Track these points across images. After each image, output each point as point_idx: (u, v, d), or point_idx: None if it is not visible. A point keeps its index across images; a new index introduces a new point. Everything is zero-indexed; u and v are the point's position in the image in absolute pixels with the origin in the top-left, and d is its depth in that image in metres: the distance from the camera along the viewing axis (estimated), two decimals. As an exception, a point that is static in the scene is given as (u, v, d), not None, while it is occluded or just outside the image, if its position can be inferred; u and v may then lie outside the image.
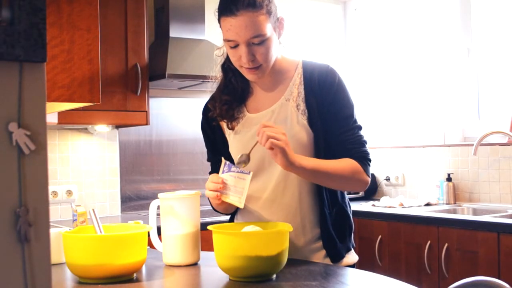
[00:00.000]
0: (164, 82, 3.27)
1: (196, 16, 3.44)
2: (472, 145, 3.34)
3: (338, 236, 1.72)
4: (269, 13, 1.61)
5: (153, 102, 3.49)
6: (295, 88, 1.71)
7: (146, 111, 3.15)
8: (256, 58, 1.62)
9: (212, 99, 1.81)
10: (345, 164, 1.65)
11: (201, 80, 3.23)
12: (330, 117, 1.68)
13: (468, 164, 3.52)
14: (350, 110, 1.71)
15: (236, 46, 1.62)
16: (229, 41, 1.62)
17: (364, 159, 1.69)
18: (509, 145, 3.28)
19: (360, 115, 1.99)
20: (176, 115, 3.66)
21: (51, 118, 2.20)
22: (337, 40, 4.38)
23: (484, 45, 3.61)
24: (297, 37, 4.15)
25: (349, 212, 1.79)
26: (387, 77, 4.10)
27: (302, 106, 1.68)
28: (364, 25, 4.27)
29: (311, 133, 1.67)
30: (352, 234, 1.81)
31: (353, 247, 1.80)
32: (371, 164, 1.72)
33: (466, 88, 3.65)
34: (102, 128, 3.30)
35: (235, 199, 1.62)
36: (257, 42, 1.60)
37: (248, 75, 1.68)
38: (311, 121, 1.67)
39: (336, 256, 1.72)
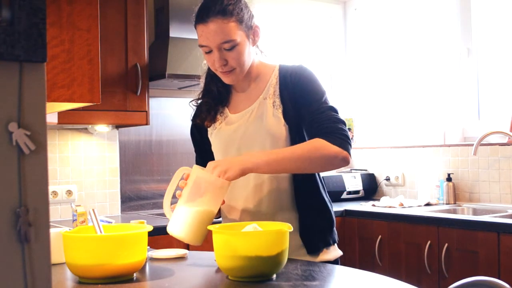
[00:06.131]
0: (164, 82, 3.27)
1: (196, 16, 3.43)
2: (472, 145, 3.34)
3: (315, 226, 1.78)
4: (240, 21, 1.72)
5: (153, 102, 3.49)
6: (272, 88, 1.81)
7: (146, 111, 3.15)
8: (228, 63, 1.73)
9: (197, 106, 1.93)
10: (306, 144, 1.67)
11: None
12: (302, 106, 1.75)
13: (468, 164, 3.52)
14: (319, 95, 1.74)
15: (210, 51, 1.74)
16: (202, 46, 1.75)
17: (331, 133, 1.65)
18: (509, 145, 3.28)
19: (360, 115, 2.01)
20: (176, 115, 3.66)
21: (51, 118, 2.20)
22: (337, 40, 4.37)
23: (484, 45, 3.61)
24: (297, 37, 4.14)
25: (329, 205, 1.84)
26: (387, 77, 4.10)
27: (278, 101, 1.77)
28: (364, 25, 4.27)
29: (285, 125, 1.75)
30: (334, 230, 1.85)
31: (334, 242, 1.84)
32: (346, 138, 1.65)
33: (466, 88, 3.65)
34: (102, 128, 3.30)
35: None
36: (228, 48, 1.71)
37: (224, 78, 1.79)
38: (285, 114, 1.75)
39: (311, 246, 1.77)
